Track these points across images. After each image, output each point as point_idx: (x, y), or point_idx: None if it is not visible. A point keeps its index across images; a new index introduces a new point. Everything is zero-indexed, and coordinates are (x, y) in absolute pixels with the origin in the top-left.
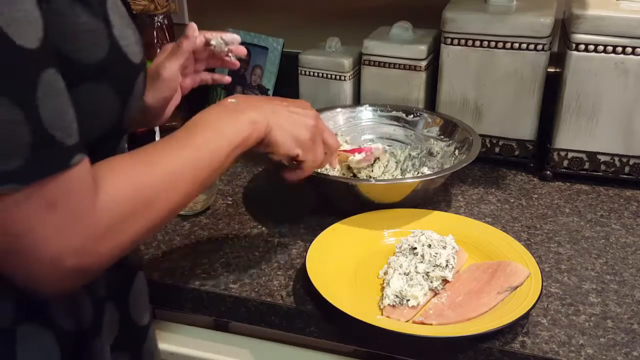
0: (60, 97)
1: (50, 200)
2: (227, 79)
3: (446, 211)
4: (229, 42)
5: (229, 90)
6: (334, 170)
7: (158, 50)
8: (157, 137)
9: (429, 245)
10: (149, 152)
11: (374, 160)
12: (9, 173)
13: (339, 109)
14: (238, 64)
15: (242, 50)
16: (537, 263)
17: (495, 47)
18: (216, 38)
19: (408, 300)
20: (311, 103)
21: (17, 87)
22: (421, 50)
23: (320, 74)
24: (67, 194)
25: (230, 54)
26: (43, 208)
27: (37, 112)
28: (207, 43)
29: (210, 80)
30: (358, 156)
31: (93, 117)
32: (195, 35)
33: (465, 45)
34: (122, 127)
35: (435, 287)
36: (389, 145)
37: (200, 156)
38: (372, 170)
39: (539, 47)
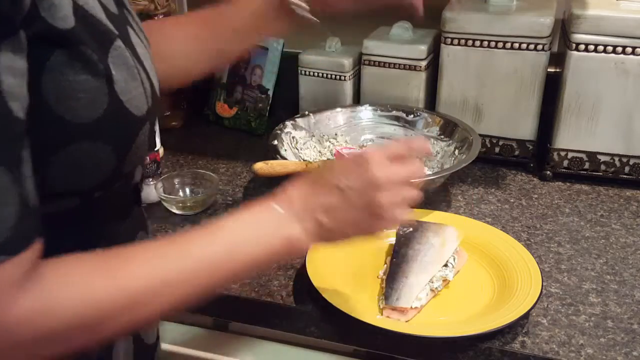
0: None
1: None
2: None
3: (446, 211)
4: None
5: (229, 91)
6: None
7: None
8: (157, 138)
9: None
10: (125, 259)
11: None
12: None
13: (339, 109)
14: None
15: None
16: (537, 263)
17: (495, 47)
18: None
19: None
20: (311, 103)
21: None
22: (421, 50)
23: (320, 74)
24: None
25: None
26: None
27: None
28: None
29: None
30: None
31: (87, 172)
32: None
33: (465, 45)
34: (122, 174)
35: (436, 288)
36: None
37: (189, 274)
38: None
39: (539, 47)
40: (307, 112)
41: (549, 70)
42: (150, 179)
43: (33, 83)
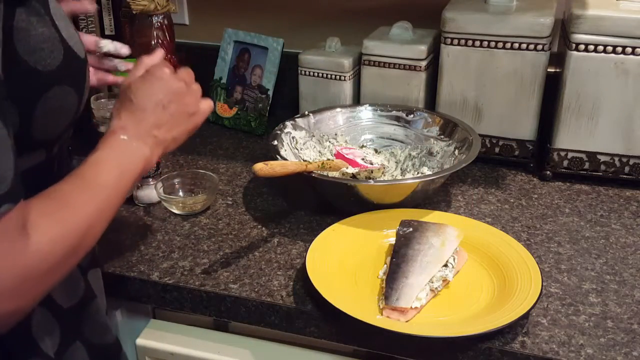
0: None
1: None
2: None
3: (446, 211)
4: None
5: (229, 91)
6: (335, 171)
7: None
8: None
9: None
10: (69, 194)
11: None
12: None
13: (339, 109)
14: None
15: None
16: (537, 263)
17: (495, 47)
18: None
19: None
20: (311, 103)
21: None
22: (421, 50)
23: (320, 74)
24: None
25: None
26: None
27: None
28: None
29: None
30: (351, 169)
31: (60, 116)
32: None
33: (465, 45)
34: (78, 117)
35: (436, 288)
36: (388, 145)
37: (110, 195)
38: (372, 172)
39: (539, 47)
40: (307, 112)
41: (549, 70)
42: (150, 179)
43: (8, 43)
